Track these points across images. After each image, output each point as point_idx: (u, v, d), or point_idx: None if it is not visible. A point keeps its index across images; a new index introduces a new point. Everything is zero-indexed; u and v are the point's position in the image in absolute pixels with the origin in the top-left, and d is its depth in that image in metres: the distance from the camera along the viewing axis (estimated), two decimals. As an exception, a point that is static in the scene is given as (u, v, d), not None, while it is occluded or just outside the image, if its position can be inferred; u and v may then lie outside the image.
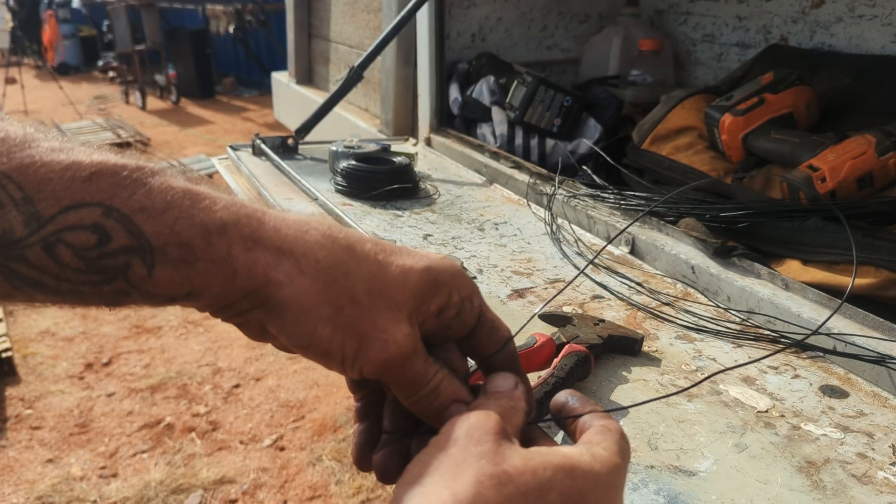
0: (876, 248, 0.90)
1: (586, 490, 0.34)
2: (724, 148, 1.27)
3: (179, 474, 2.17)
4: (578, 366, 0.67)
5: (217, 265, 0.35)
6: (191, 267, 0.35)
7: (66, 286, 0.34)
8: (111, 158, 0.35)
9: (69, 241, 0.32)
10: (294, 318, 0.37)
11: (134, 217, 0.33)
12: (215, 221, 0.35)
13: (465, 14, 1.80)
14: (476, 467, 0.33)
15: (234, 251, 0.36)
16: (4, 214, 0.32)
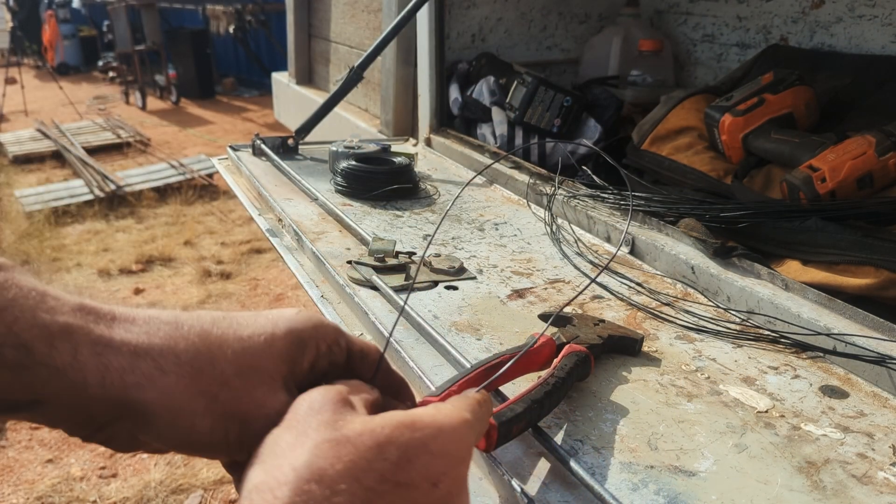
0: (876, 248, 0.90)
1: (427, 440, 0.34)
2: (724, 148, 1.27)
3: (179, 474, 2.17)
4: (578, 366, 0.67)
5: (61, 371, 0.32)
6: (30, 372, 0.31)
7: None
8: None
9: None
10: (167, 421, 0.35)
11: None
12: (59, 323, 0.33)
13: (465, 14, 1.80)
14: (314, 436, 0.33)
15: (82, 357, 0.33)
16: None
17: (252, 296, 3.39)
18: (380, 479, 0.32)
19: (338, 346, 0.42)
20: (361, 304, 0.86)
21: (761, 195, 1.14)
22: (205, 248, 3.95)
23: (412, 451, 0.34)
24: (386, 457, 0.33)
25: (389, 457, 0.33)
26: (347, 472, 0.31)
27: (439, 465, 0.35)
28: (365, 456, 0.32)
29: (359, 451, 0.32)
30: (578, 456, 0.60)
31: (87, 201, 4.71)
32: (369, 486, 0.32)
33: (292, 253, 1.08)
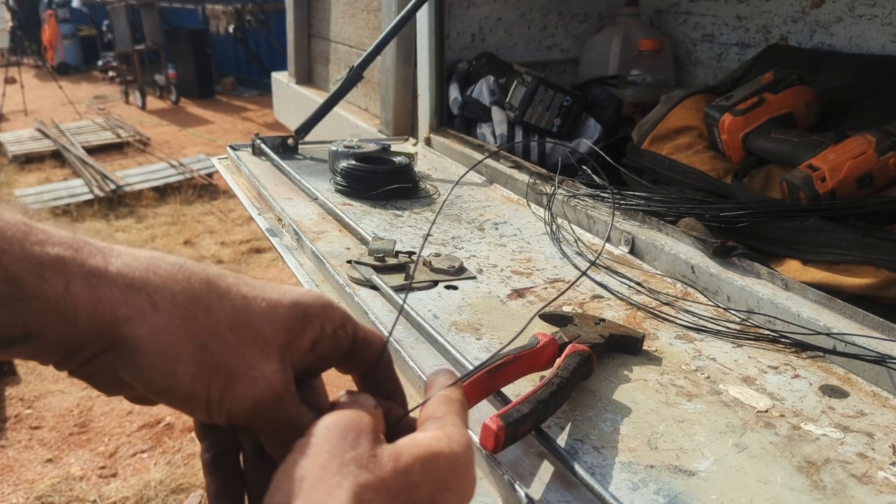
0: (876, 248, 0.90)
1: (449, 476, 0.35)
2: (723, 148, 1.27)
3: (179, 474, 2.17)
4: (581, 365, 0.67)
5: (53, 304, 0.31)
6: (22, 305, 0.31)
7: None
8: None
9: None
10: (150, 360, 0.33)
11: None
12: (50, 255, 0.32)
13: (465, 14, 1.80)
14: (351, 479, 0.32)
15: (74, 288, 0.32)
16: None
17: (252, 295, 3.39)
18: None
19: (343, 330, 0.40)
20: (361, 303, 0.86)
21: (761, 195, 1.14)
22: (204, 248, 3.95)
23: (437, 493, 0.34)
24: (417, 501, 0.33)
25: (420, 501, 0.33)
26: None
27: (457, 500, 0.36)
28: (399, 499, 0.33)
29: (392, 494, 0.32)
30: (578, 456, 0.60)
31: (86, 201, 4.71)
32: None
33: (292, 253, 1.08)
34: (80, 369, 0.34)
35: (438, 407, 0.39)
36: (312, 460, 0.32)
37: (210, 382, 0.34)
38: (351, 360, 0.42)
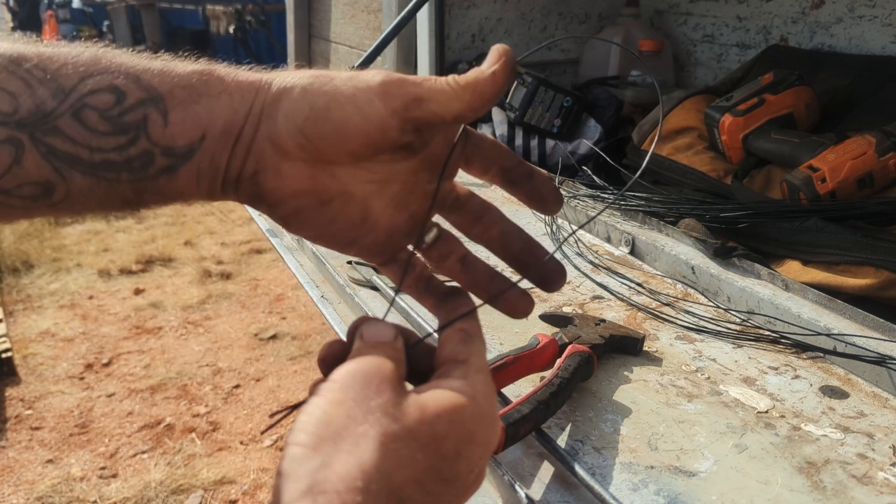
0: (876, 249, 0.90)
1: (474, 428, 0.35)
2: (724, 148, 1.27)
3: (179, 475, 2.17)
4: (582, 366, 0.67)
5: (216, 97, 0.38)
6: (197, 104, 0.38)
7: (98, 157, 0.36)
8: (100, 46, 0.38)
9: (92, 103, 0.36)
10: (288, 98, 0.39)
11: (140, 75, 0.37)
12: (201, 69, 0.39)
13: (465, 14, 1.80)
14: (378, 427, 0.32)
15: (226, 81, 0.39)
16: (33, 92, 0.35)
17: (252, 296, 3.39)
18: (437, 478, 0.33)
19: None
20: (361, 304, 0.86)
21: (761, 195, 1.14)
22: (205, 249, 3.95)
23: (463, 446, 0.34)
24: (443, 454, 0.33)
25: (447, 454, 0.33)
26: (412, 478, 0.32)
27: (480, 453, 0.36)
28: (426, 450, 0.33)
29: (420, 445, 0.33)
30: (579, 456, 0.60)
31: (87, 201, 4.71)
32: (429, 489, 0.33)
33: (292, 253, 1.08)
34: (245, 161, 0.39)
35: (459, 347, 0.39)
36: (338, 407, 0.33)
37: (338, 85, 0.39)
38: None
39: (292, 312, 3.23)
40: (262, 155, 0.39)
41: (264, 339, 2.98)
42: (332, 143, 0.39)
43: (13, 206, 0.36)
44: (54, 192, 0.36)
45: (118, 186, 0.37)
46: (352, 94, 0.38)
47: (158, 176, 0.37)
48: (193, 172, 0.38)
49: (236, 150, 0.39)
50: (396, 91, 0.38)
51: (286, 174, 0.40)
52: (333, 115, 0.38)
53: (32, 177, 0.35)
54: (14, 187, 0.35)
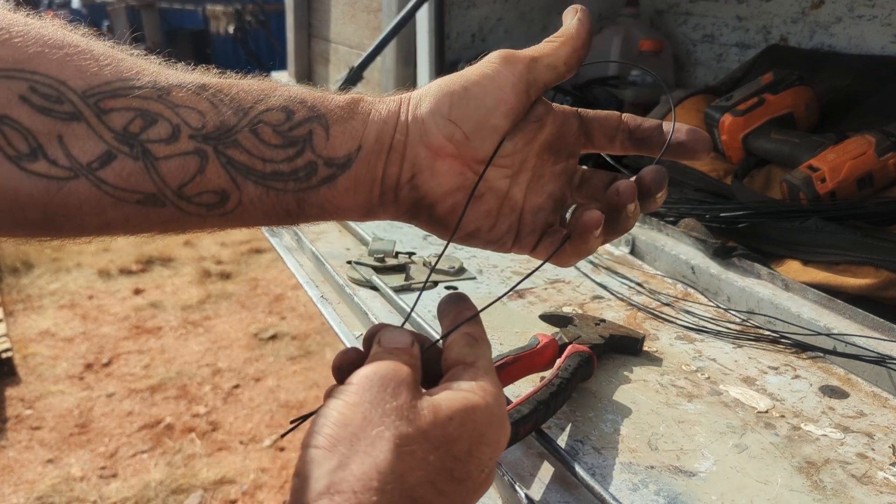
0: (876, 249, 0.90)
1: (485, 429, 0.37)
2: (724, 148, 1.27)
3: (179, 474, 2.17)
4: (582, 366, 0.67)
5: (366, 114, 0.43)
6: (352, 120, 0.43)
7: (269, 168, 0.40)
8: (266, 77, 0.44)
9: (267, 120, 0.41)
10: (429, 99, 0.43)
11: (305, 98, 0.42)
12: (351, 97, 0.44)
13: (465, 14, 1.80)
14: (393, 430, 0.33)
15: (374, 104, 0.44)
16: (219, 111, 0.40)
17: (252, 296, 3.39)
18: (449, 478, 0.34)
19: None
20: (361, 304, 0.86)
21: (761, 195, 1.14)
22: (204, 249, 3.95)
23: (475, 447, 0.36)
24: (455, 455, 0.35)
25: (459, 455, 0.35)
26: (426, 478, 0.33)
27: (490, 453, 0.37)
28: (438, 451, 0.34)
29: (433, 446, 0.34)
30: (579, 456, 0.60)
31: (86, 201, 4.71)
32: (441, 489, 0.34)
33: (292, 253, 1.08)
34: (402, 168, 0.44)
35: (466, 350, 0.41)
36: (354, 409, 0.34)
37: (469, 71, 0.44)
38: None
39: (292, 312, 3.23)
40: (417, 158, 0.43)
41: (264, 339, 2.99)
42: (477, 120, 0.43)
43: (190, 213, 0.40)
44: (228, 201, 0.41)
45: (283, 196, 0.41)
46: (481, 73, 0.43)
47: (320, 186, 0.42)
48: (351, 182, 0.43)
49: (391, 158, 0.43)
50: (514, 58, 0.44)
51: (440, 171, 0.44)
52: (472, 93, 0.43)
53: (212, 185, 0.40)
54: (195, 194, 0.40)
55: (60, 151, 0.37)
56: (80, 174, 0.37)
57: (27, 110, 0.36)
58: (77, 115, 0.37)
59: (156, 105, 0.38)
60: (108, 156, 0.37)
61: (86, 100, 0.37)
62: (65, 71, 0.37)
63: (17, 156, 0.36)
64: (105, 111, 0.37)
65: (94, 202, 0.38)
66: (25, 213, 0.37)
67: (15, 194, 0.36)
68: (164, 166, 0.38)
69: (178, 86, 0.40)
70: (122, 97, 0.38)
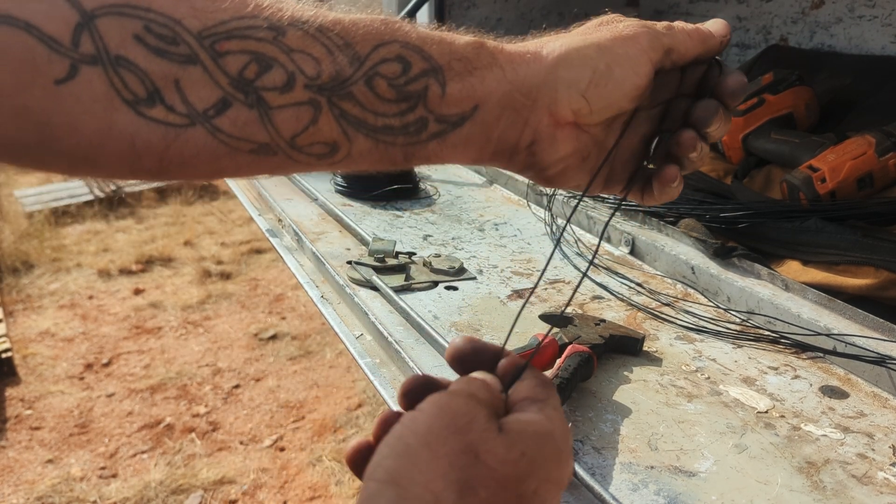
0: (876, 249, 0.90)
1: (552, 467, 0.35)
2: (724, 148, 1.27)
3: (179, 475, 2.17)
4: (582, 366, 0.67)
5: (489, 68, 0.41)
6: (471, 76, 0.40)
7: (381, 122, 0.39)
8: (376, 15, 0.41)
9: (383, 72, 0.39)
10: (566, 67, 0.42)
11: (423, 46, 0.40)
12: (473, 41, 0.42)
13: (465, 14, 1.80)
14: (458, 471, 0.32)
15: (496, 55, 0.41)
16: (335, 58, 0.38)
17: (252, 296, 3.39)
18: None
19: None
20: (361, 304, 0.86)
21: (761, 195, 1.14)
22: (205, 249, 3.95)
23: (542, 486, 0.34)
24: (521, 494, 0.33)
25: (525, 493, 0.33)
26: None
27: (555, 492, 0.36)
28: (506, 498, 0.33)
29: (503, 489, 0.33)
30: (579, 456, 0.60)
31: (87, 201, 4.71)
32: None
33: (292, 253, 1.08)
34: (522, 133, 0.43)
35: (537, 389, 0.39)
36: (420, 440, 0.33)
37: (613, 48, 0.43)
38: None
39: (292, 312, 3.23)
40: (539, 125, 0.42)
41: (264, 339, 2.98)
42: (609, 101, 0.43)
43: (300, 161, 0.39)
44: (338, 152, 0.39)
45: (392, 149, 0.40)
46: (625, 54, 0.43)
47: (429, 141, 0.41)
48: (462, 139, 0.41)
49: (513, 121, 0.42)
50: (657, 45, 0.44)
51: (560, 140, 0.43)
52: (615, 74, 0.42)
53: (324, 136, 0.38)
54: (306, 145, 0.38)
55: (177, 97, 0.35)
56: (197, 121, 0.36)
57: (143, 51, 0.34)
58: (193, 57, 0.35)
59: (271, 48, 0.36)
60: (224, 103, 0.36)
61: (201, 41, 0.35)
62: (179, 8, 0.35)
63: (134, 100, 0.34)
64: (221, 54, 0.35)
65: (209, 150, 0.36)
66: (142, 161, 0.36)
67: (132, 140, 0.35)
68: (278, 116, 0.37)
69: (294, 25, 0.37)
70: (237, 38, 0.36)
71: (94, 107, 0.34)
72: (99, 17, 0.33)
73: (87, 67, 0.33)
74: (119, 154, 0.35)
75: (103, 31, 0.33)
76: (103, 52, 0.33)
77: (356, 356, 0.79)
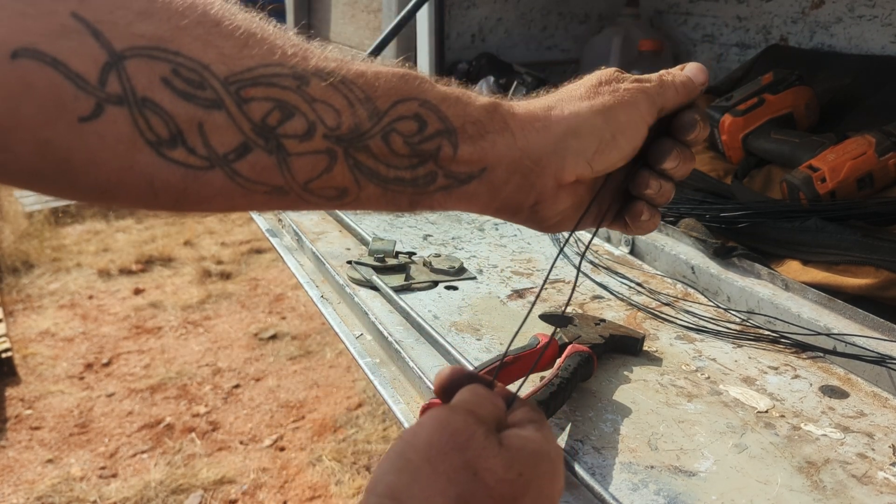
0: (876, 249, 0.90)
1: (547, 482, 0.37)
2: (724, 148, 1.27)
3: (179, 474, 2.17)
4: (582, 366, 0.67)
5: (500, 134, 0.43)
6: (483, 140, 0.42)
7: (392, 174, 0.41)
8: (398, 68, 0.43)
9: (399, 129, 0.40)
10: (575, 137, 0.44)
11: (440, 106, 0.41)
12: (487, 103, 0.43)
13: (465, 14, 1.80)
14: (456, 487, 0.33)
15: (507, 120, 0.43)
16: (355, 111, 0.39)
17: (252, 296, 3.39)
18: None
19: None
20: (361, 304, 0.86)
21: (761, 195, 1.14)
22: (204, 248, 3.95)
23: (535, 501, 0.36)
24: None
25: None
26: None
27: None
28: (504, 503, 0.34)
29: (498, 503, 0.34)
30: (579, 456, 0.60)
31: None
32: None
33: (292, 253, 1.08)
34: (530, 194, 0.45)
35: (533, 413, 0.41)
36: (419, 455, 0.34)
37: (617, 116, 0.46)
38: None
39: (292, 312, 3.23)
40: (545, 188, 0.45)
41: (264, 339, 2.98)
42: (610, 164, 0.46)
43: (310, 201, 0.41)
44: (347, 196, 0.41)
45: (399, 197, 0.42)
46: (628, 122, 0.46)
47: (435, 192, 0.43)
48: (468, 194, 0.43)
49: (519, 185, 0.44)
50: (654, 110, 0.47)
51: (561, 198, 0.47)
52: (619, 142, 0.46)
53: (336, 182, 0.40)
54: (319, 189, 0.40)
55: (200, 140, 0.36)
56: (217, 164, 0.36)
57: (169, 95, 0.34)
58: (218, 102, 0.36)
59: (294, 97, 0.37)
60: (245, 148, 0.37)
61: (227, 87, 0.36)
62: (208, 53, 0.35)
63: (156, 141, 0.35)
64: (245, 100, 0.36)
65: (226, 191, 0.37)
66: (158, 198, 0.36)
67: (150, 180, 0.35)
68: (296, 163, 0.38)
69: (317, 75, 0.38)
70: (262, 86, 0.37)
71: (116, 146, 0.34)
72: (128, 58, 0.33)
73: (113, 107, 0.33)
74: (137, 191, 0.36)
75: (131, 73, 0.33)
76: (130, 93, 0.33)
77: (356, 356, 0.79)
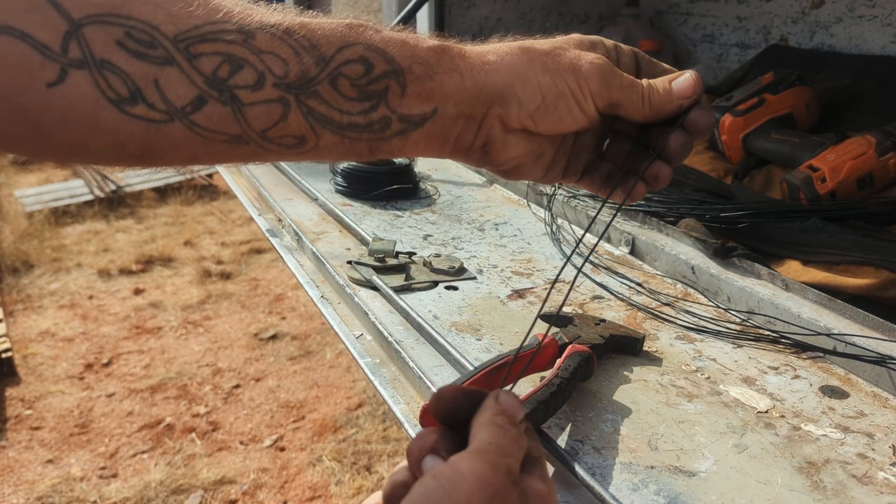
0: (876, 249, 0.90)
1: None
2: (724, 148, 1.27)
3: (179, 475, 2.17)
4: (582, 366, 0.67)
5: (449, 73, 0.44)
6: (431, 80, 0.43)
7: (346, 119, 0.42)
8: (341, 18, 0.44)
9: (346, 73, 0.42)
10: (521, 86, 0.45)
11: (386, 48, 0.43)
12: (436, 45, 0.45)
13: (465, 14, 1.80)
14: None
15: (457, 61, 0.45)
16: (301, 59, 0.41)
17: (252, 296, 3.39)
18: None
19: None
20: (361, 304, 0.86)
21: (761, 195, 1.14)
22: (205, 249, 3.95)
23: None
24: None
25: None
26: None
27: None
28: None
29: None
30: (579, 456, 0.60)
31: (87, 201, 4.71)
32: None
33: (292, 253, 1.08)
34: (478, 138, 0.47)
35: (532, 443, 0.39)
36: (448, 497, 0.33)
37: (566, 80, 0.46)
38: None
39: (292, 312, 3.23)
40: (492, 130, 0.46)
41: (264, 339, 2.99)
42: (552, 128, 0.47)
43: (271, 150, 0.43)
44: (306, 144, 0.43)
45: (357, 143, 0.44)
46: (572, 91, 0.46)
47: (392, 137, 0.44)
48: (423, 136, 0.45)
49: (467, 126, 0.46)
50: (604, 94, 0.47)
51: (511, 143, 0.48)
52: (560, 107, 0.46)
53: (293, 130, 0.42)
54: (277, 137, 0.42)
55: (157, 95, 0.38)
56: (176, 117, 0.39)
57: (124, 55, 0.37)
58: (170, 59, 0.38)
59: (242, 50, 0.40)
60: (200, 100, 0.39)
61: (177, 45, 0.38)
62: (157, 15, 0.38)
63: (118, 99, 0.38)
64: (195, 56, 0.39)
65: (187, 141, 0.40)
66: (126, 149, 0.40)
67: (116, 133, 0.38)
68: (250, 112, 0.40)
69: (262, 29, 0.40)
70: (209, 41, 0.39)
71: (82, 106, 0.37)
72: (85, 25, 0.37)
73: (75, 71, 0.37)
74: (105, 147, 0.39)
75: (89, 38, 0.37)
76: (89, 56, 0.37)
77: (356, 356, 0.79)
